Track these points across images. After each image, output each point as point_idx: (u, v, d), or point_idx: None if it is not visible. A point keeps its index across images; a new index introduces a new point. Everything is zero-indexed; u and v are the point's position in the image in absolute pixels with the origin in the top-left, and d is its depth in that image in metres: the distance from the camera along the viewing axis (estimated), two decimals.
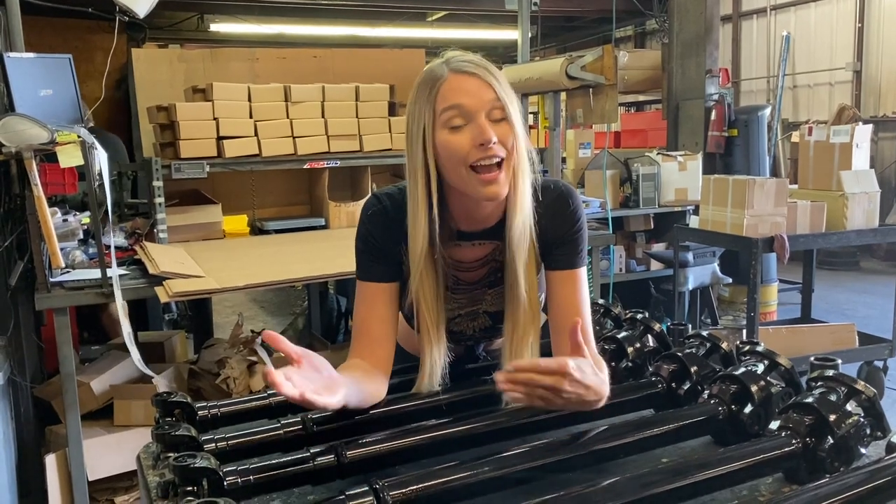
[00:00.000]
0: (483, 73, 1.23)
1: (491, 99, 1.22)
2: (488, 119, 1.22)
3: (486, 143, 1.21)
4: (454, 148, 1.23)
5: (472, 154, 1.22)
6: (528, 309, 1.32)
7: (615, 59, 4.60)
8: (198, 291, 2.69)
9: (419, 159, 1.26)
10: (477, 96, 1.22)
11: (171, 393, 1.28)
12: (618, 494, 0.97)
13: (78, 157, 2.58)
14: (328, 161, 3.78)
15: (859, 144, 4.32)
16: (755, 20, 10.27)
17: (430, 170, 1.26)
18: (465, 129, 1.22)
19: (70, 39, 5.81)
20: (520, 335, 1.32)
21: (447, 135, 1.23)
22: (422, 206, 1.27)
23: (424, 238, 1.28)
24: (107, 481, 3.10)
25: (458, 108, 1.22)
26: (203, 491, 0.99)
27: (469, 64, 1.24)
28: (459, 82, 1.23)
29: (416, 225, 1.28)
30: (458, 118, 1.22)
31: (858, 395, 1.14)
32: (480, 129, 1.21)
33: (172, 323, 5.44)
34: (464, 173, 1.24)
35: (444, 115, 1.23)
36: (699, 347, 1.41)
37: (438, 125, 1.24)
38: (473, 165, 1.22)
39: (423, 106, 1.25)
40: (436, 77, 1.25)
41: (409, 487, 1.00)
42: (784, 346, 4.00)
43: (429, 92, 1.25)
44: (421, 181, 1.27)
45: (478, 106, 1.22)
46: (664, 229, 5.62)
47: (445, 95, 1.23)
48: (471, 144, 1.22)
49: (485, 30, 10.01)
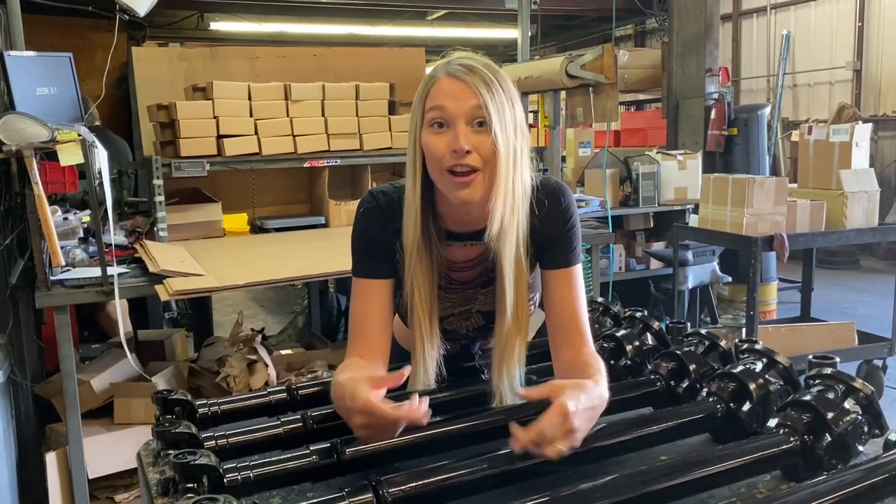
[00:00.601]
0: (472, 80, 1.23)
1: (473, 106, 1.22)
2: (469, 126, 1.23)
3: (458, 150, 1.21)
4: (433, 149, 1.24)
5: (447, 159, 1.23)
6: (515, 311, 1.32)
7: (615, 58, 4.60)
8: (198, 290, 2.70)
9: (411, 154, 1.29)
10: (460, 102, 1.22)
11: (172, 391, 1.28)
12: (616, 491, 0.97)
13: (78, 155, 2.58)
14: (328, 160, 3.79)
15: (859, 143, 4.32)
16: (755, 19, 10.27)
17: (418, 165, 1.28)
18: (445, 133, 1.24)
19: (70, 38, 5.81)
20: (506, 337, 1.32)
21: (429, 135, 1.25)
22: (413, 199, 1.29)
23: (417, 230, 1.29)
24: (107, 479, 3.10)
25: (441, 109, 1.24)
26: (203, 488, 0.99)
27: (462, 69, 1.24)
28: (448, 85, 1.24)
29: (409, 217, 1.30)
30: (441, 120, 1.24)
31: (856, 392, 1.15)
32: (455, 136, 1.22)
33: (173, 321, 5.45)
34: (439, 175, 1.25)
35: (429, 114, 1.25)
36: (698, 346, 1.41)
37: (425, 123, 1.26)
38: (448, 169, 1.23)
39: (417, 103, 1.28)
40: (432, 76, 1.27)
41: (407, 484, 1.00)
42: (783, 344, 4.00)
43: (422, 90, 1.27)
44: (412, 175, 1.29)
45: (458, 111, 1.22)
46: (664, 228, 5.62)
47: (433, 95, 1.25)
48: (447, 148, 1.23)
49: (485, 29, 10.01)
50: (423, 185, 1.29)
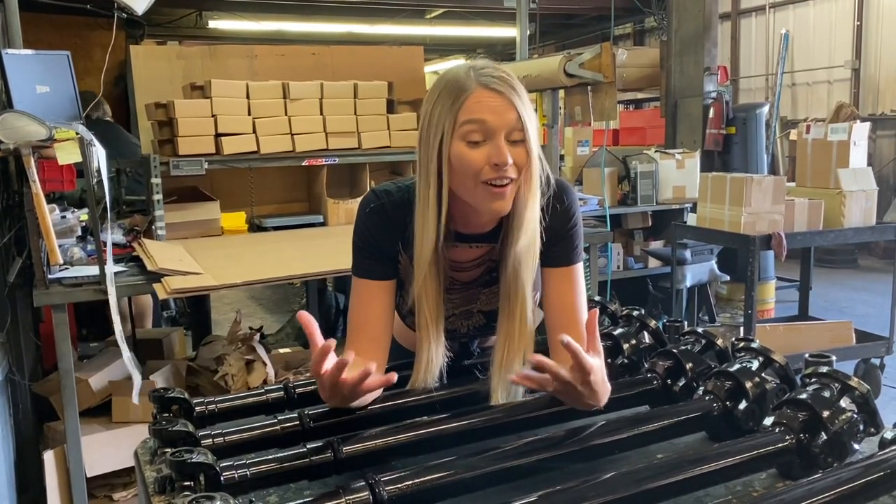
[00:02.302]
0: (509, 93, 1.22)
1: (513, 119, 1.22)
2: (507, 140, 1.22)
3: (501, 164, 1.21)
4: (468, 162, 1.22)
5: (486, 172, 1.22)
6: (522, 311, 1.32)
7: (613, 57, 4.60)
8: (196, 288, 2.70)
9: (433, 165, 1.26)
10: (500, 115, 1.21)
11: (169, 389, 1.29)
12: (612, 490, 0.98)
13: (76, 153, 2.58)
14: (326, 158, 3.78)
15: (857, 142, 4.33)
16: (754, 18, 10.27)
17: (444, 177, 1.25)
18: (482, 146, 1.22)
19: (68, 36, 5.82)
20: (511, 337, 1.32)
21: (463, 147, 1.23)
22: (432, 210, 1.27)
23: (432, 241, 1.28)
24: (105, 478, 3.10)
25: (480, 123, 1.21)
26: (200, 486, 0.99)
27: (498, 81, 1.23)
28: (485, 98, 1.22)
29: (426, 228, 1.28)
30: (478, 134, 1.22)
31: (852, 391, 1.15)
32: (498, 151, 1.21)
33: (171, 320, 5.45)
34: (472, 186, 1.24)
35: (464, 127, 1.22)
36: (694, 344, 1.41)
37: (457, 136, 1.23)
38: (486, 181, 1.23)
39: (445, 114, 1.24)
40: (462, 87, 1.23)
41: (404, 482, 1.00)
42: (781, 343, 4.01)
43: (453, 101, 1.23)
44: (433, 186, 1.26)
45: (500, 125, 1.21)
46: (662, 227, 5.63)
47: (470, 108, 1.22)
48: (486, 162, 1.22)
49: (483, 27, 10.01)
50: (439, 194, 1.27)
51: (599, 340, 1.18)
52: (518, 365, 1.31)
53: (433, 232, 1.28)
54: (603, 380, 1.17)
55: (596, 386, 1.14)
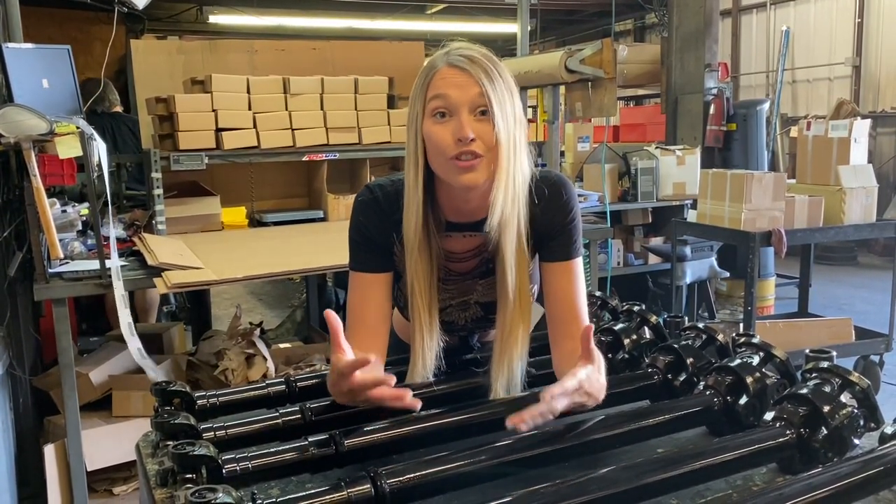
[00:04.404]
0: (473, 70, 1.24)
1: (475, 94, 1.23)
2: (472, 115, 1.23)
3: (463, 139, 1.22)
4: (437, 138, 1.25)
5: (452, 147, 1.24)
6: (518, 301, 1.32)
7: (614, 53, 4.61)
8: (196, 283, 2.70)
9: (412, 145, 1.29)
10: (463, 90, 1.23)
11: (170, 382, 1.28)
12: (613, 483, 0.98)
13: (77, 148, 2.58)
14: (327, 153, 3.78)
15: (857, 139, 4.32)
16: (755, 14, 10.26)
17: (419, 156, 1.28)
18: (448, 122, 1.24)
19: (69, 30, 5.81)
20: (509, 328, 1.33)
21: (432, 124, 1.25)
22: (416, 191, 1.29)
23: (418, 221, 1.30)
24: (105, 472, 3.11)
25: (444, 98, 1.24)
26: (202, 478, 0.99)
27: (463, 59, 1.25)
28: (450, 74, 1.25)
29: (409, 209, 1.30)
30: (443, 109, 1.24)
31: (852, 386, 1.15)
32: (460, 125, 1.23)
33: (171, 315, 5.45)
34: (443, 162, 1.26)
35: (432, 103, 1.25)
36: (695, 339, 1.42)
37: (427, 113, 1.26)
38: (453, 157, 1.24)
39: (418, 93, 1.28)
40: (432, 66, 1.27)
41: (406, 475, 1.01)
42: (781, 340, 4.01)
43: (423, 80, 1.27)
44: (414, 166, 1.29)
45: (462, 100, 1.23)
46: (662, 223, 5.63)
47: (435, 84, 1.25)
48: (451, 138, 1.23)
49: (484, 23, 10.00)
50: (425, 176, 1.29)
51: (595, 350, 1.18)
52: (518, 356, 1.32)
53: (419, 211, 1.29)
54: (598, 378, 1.18)
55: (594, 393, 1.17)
